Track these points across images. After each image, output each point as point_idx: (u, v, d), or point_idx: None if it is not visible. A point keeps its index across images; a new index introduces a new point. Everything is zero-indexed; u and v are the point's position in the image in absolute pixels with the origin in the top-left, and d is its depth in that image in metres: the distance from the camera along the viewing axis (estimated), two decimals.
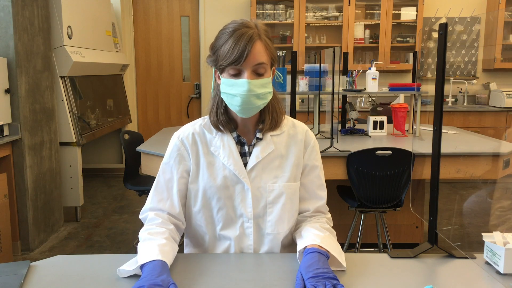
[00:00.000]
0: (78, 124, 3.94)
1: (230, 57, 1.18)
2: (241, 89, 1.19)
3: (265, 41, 1.22)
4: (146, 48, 5.80)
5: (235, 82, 1.20)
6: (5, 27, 3.12)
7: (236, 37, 1.18)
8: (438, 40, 1.21)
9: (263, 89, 1.22)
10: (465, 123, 4.98)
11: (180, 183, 1.31)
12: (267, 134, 1.31)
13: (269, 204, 1.30)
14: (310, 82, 3.26)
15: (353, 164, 2.52)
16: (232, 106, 1.25)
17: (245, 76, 1.19)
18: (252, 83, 1.19)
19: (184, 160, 1.31)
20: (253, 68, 1.20)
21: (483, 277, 1.13)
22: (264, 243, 1.31)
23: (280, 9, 5.39)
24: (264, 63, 1.21)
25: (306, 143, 1.35)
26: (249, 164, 1.29)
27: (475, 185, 3.17)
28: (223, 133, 1.31)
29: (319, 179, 1.37)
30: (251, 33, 1.18)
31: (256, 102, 1.22)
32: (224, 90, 1.24)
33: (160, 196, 1.31)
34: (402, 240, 3.26)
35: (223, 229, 1.31)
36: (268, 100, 1.26)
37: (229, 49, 1.18)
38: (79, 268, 1.18)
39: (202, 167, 1.30)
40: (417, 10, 5.27)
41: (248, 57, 1.17)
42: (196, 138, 1.32)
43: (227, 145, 1.30)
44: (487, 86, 5.55)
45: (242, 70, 1.20)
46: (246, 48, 1.17)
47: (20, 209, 3.29)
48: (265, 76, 1.22)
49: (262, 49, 1.20)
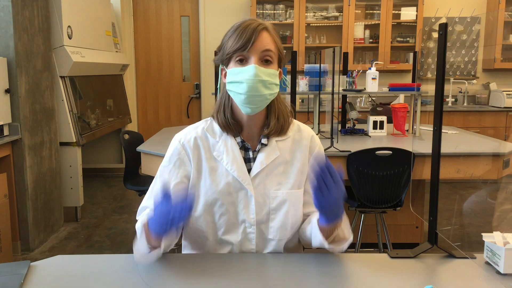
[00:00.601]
0: (78, 124, 3.94)
1: (236, 44, 1.17)
2: (248, 74, 1.17)
3: (273, 34, 1.22)
4: (146, 48, 5.80)
5: (242, 69, 1.18)
6: (5, 27, 3.12)
7: (242, 28, 1.19)
8: (438, 40, 1.21)
9: (270, 77, 1.19)
10: (465, 123, 4.98)
11: (178, 188, 1.27)
12: (272, 140, 1.29)
13: (272, 210, 1.27)
14: (310, 82, 3.26)
15: (353, 164, 2.52)
16: (238, 96, 1.20)
17: (252, 62, 1.18)
18: (259, 69, 1.17)
19: (184, 164, 1.28)
20: (260, 55, 1.18)
21: (483, 277, 1.13)
22: (267, 248, 1.30)
23: (280, 9, 5.40)
24: (271, 51, 1.20)
25: (311, 149, 1.33)
26: (253, 170, 1.27)
27: (475, 185, 3.17)
28: (228, 137, 1.28)
29: None
30: (257, 23, 1.19)
31: (262, 90, 1.18)
32: (230, 79, 1.21)
33: (155, 198, 1.29)
34: (402, 240, 3.26)
35: (224, 234, 1.28)
36: (274, 92, 1.22)
37: (235, 38, 1.18)
38: (79, 268, 1.18)
39: (204, 172, 1.27)
40: (417, 10, 5.28)
41: (255, 43, 1.17)
42: (198, 143, 1.29)
43: (231, 150, 1.27)
44: (487, 86, 5.55)
45: (249, 57, 1.18)
46: (254, 34, 1.17)
47: (20, 209, 3.29)
48: (273, 67, 1.21)
49: (269, 39, 1.20)
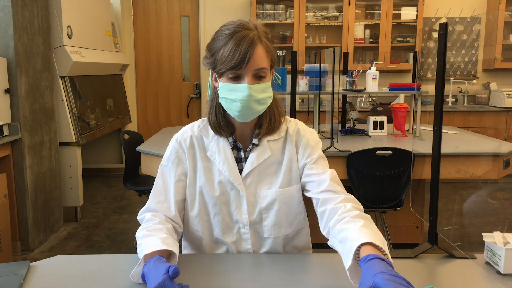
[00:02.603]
0: (78, 124, 3.94)
1: (230, 62, 1.13)
2: (241, 94, 1.15)
3: (266, 44, 1.17)
4: (146, 48, 5.80)
5: (235, 87, 1.16)
6: (5, 27, 3.12)
7: (236, 41, 1.13)
8: (438, 40, 1.21)
9: (264, 94, 1.18)
10: (465, 123, 4.98)
11: (178, 186, 1.29)
12: (263, 140, 1.28)
13: (263, 210, 1.28)
14: (310, 82, 3.25)
15: (353, 164, 2.51)
16: (231, 111, 1.21)
17: (246, 81, 1.15)
18: (253, 88, 1.15)
19: (181, 162, 1.29)
20: (254, 72, 1.15)
21: (483, 277, 1.13)
22: (264, 246, 1.30)
23: (280, 9, 5.39)
24: (265, 68, 1.17)
25: (297, 142, 1.30)
26: (244, 170, 1.27)
27: (475, 185, 3.17)
28: (220, 137, 1.28)
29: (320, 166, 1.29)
30: (251, 36, 1.14)
31: (256, 108, 1.18)
32: (223, 94, 1.19)
33: (157, 198, 1.29)
34: (402, 240, 3.26)
35: (220, 234, 1.29)
36: (267, 105, 1.22)
37: (229, 53, 1.13)
38: (79, 268, 1.18)
39: (199, 172, 1.28)
40: (417, 10, 5.27)
41: (250, 62, 1.13)
42: (194, 142, 1.30)
43: (223, 150, 1.27)
44: (487, 86, 5.55)
45: (242, 75, 1.15)
46: (248, 52, 1.12)
47: (20, 209, 3.29)
48: (266, 80, 1.19)
49: (263, 54, 1.16)
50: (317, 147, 1.31)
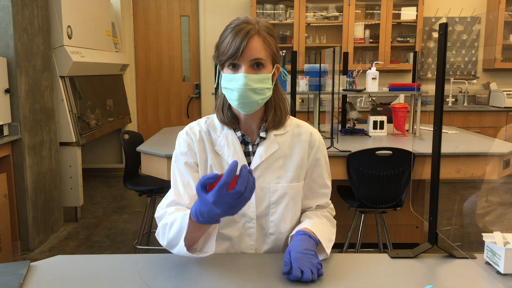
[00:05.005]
0: (78, 124, 3.94)
1: (227, 52, 1.19)
2: (238, 83, 1.20)
3: (264, 37, 1.21)
4: (146, 48, 5.80)
5: (233, 76, 1.21)
6: (5, 27, 3.12)
7: (234, 33, 1.19)
8: (438, 40, 1.21)
9: (260, 84, 1.21)
10: (465, 123, 4.97)
11: (195, 177, 1.29)
12: (270, 134, 1.31)
13: (272, 204, 1.30)
14: (310, 82, 3.25)
15: (353, 164, 2.52)
16: (231, 101, 1.25)
17: (242, 71, 1.20)
18: (248, 77, 1.19)
19: (194, 153, 1.31)
20: (250, 63, 1.20)
21: (483, 277, 1.13)
22: (267, 243, 1.32)
23: (280, 9, 5.39)
24: (262, 59, 1.20)
25: (311, 144, 1.35)
26: (252, 163, 1.29)
27: (475, 185, 3.17)
28: (228, 131, 1.31)
29: (322, 178, 1.37)
30: (249, 28, 1.19)
31: (253, 97, 1.21)
32: (224, 85, 1.24)
33: (177, 192, 1.28)
34: (402, 240, 3.26)
35: (223, 228, 1.30)
36: (266, 96, 1.25)
37: (227, 44, 1.19)
38: (79, 268, 1.18)
39: (208, 166, 1.30)
40: (417, 10, 5.27)
41: (244, 51, 1.18)
42: (203, 136, 1.32)
43: (232, 144, 1.29)
44: (487, 86, 5.55)
45: (240, 65, 1.20)
46: (242, 43, 1.17)
47: (20, 209, 3.29)
48: (264, 72, 1.22)
49: (259, 45, 1.20)
50: (325, 153, 1.39)
